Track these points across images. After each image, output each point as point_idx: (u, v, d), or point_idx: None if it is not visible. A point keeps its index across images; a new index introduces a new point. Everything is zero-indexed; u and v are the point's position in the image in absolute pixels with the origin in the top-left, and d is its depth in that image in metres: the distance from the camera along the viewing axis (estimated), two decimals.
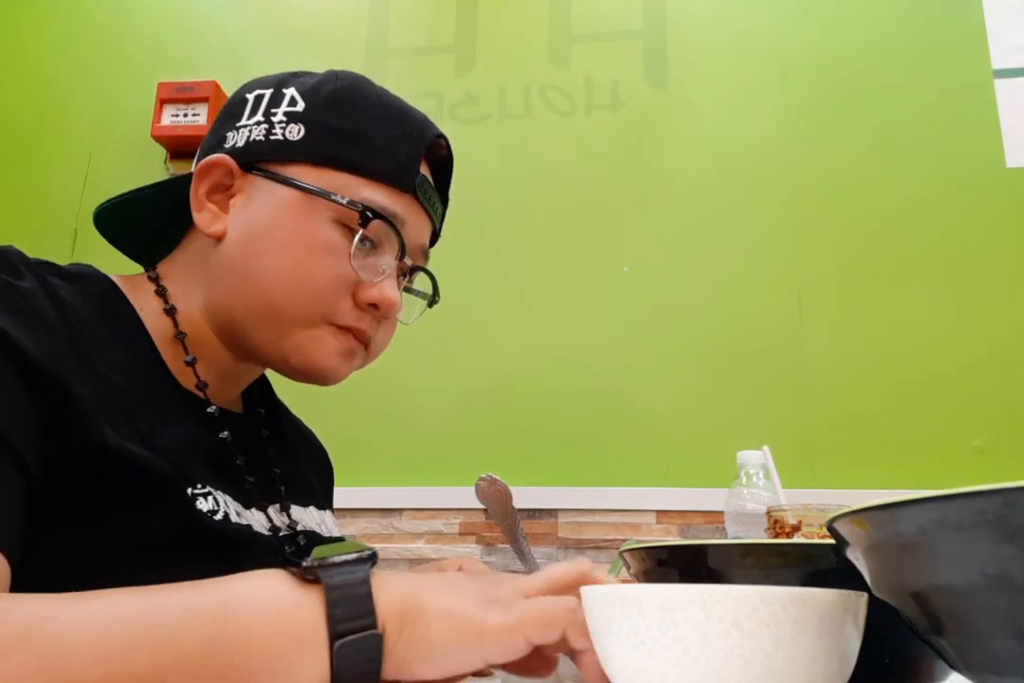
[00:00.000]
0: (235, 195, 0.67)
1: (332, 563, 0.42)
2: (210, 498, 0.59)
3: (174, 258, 0.70)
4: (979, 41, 1.91)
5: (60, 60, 2.30)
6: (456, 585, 0.46)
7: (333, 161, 0.65)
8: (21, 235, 2.08)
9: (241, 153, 0.66)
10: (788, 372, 1.78)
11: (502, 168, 2.02)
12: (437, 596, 0.44)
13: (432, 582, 0.46)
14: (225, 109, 0.71)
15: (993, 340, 1.73)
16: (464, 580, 0.47)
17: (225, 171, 0.66)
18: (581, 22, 2.12)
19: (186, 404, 0.64)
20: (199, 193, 0.66)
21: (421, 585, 0.45)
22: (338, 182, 0.65)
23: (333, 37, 2.20)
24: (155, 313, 0.65)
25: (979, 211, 1.81)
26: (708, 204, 1.92)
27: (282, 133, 0.66)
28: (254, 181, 0.66)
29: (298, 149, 0.65)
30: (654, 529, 1.70)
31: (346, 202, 0.64)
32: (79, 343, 0.55)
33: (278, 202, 0.65)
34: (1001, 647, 0.29)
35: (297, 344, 0.65)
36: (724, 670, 0.36)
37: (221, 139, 0.68)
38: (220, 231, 0.66)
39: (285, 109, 0.66)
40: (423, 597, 0.44)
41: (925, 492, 0.28)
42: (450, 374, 1.89)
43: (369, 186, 0.66)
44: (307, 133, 0.65)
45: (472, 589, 0.46)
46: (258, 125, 0.67)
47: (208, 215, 0.66)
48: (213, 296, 0.66)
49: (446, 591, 0.45)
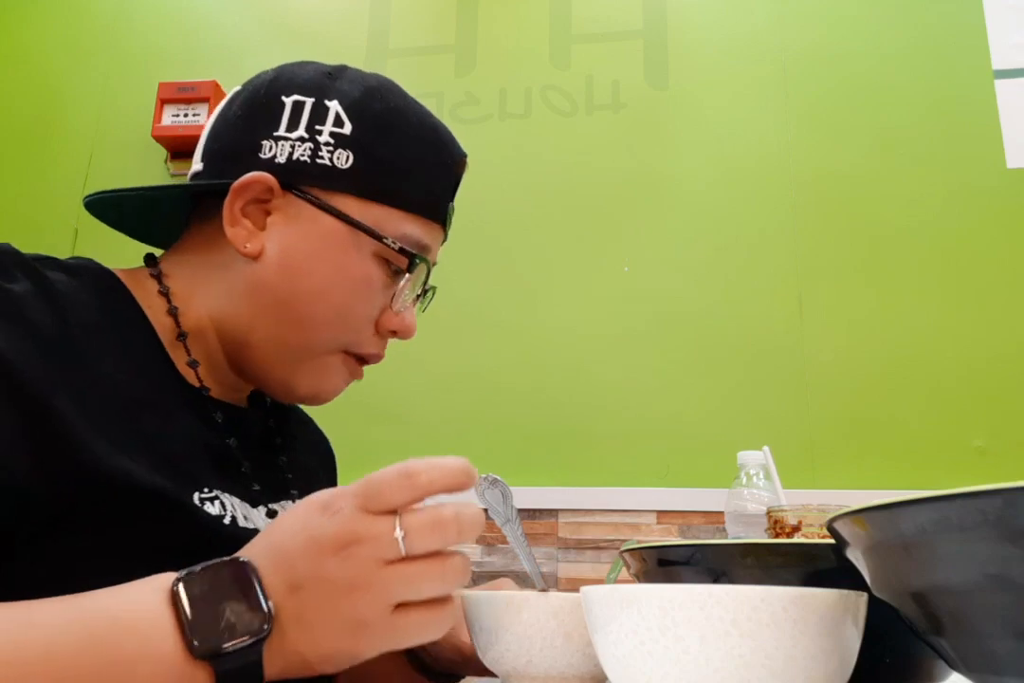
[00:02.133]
0: (271, 213, 0.65)
1: (228, 652, 0.41)
2: (217, 502, 0.58)
3: (180, 257, 0.68)
4: (979, 41, 1.91)
5: (60, 60, 2.29)
6: (319, 613, 0.44)
7: (379, 195, 0.65)
8: (21, 234, 2.08)
9: (283, 171, 0.64)
10: (788, 372, 1.78)
11: (502, 168, 2.02)
12: (310, 647, 0.44)
13: (298, 614, 0.44)
14: (254, 106, 0.67)
15: (993, 340, 1.73)
16: (323, 599, 0.44)
17: (265, 188, 0.64)
18: (581, 22, 2.11)
19: (192, 403, 0.63)
20: (235, 209, 0.64)
21: (294, 635, 0.44)
22: (382, 216, 0.65)
23: (334, 37, 2.20)
24: (160, 312, 0.64)
25: (979, 211, 1.81)
26: (708, 204, 1.92)
27: (329, 158, 0.64)
28: (294, 202, 0.65)
29: (345, 178, 0.64)
30: (654, 529, 1.70)
31: (398, 248, 0.65)
32: (77, 348, 0.54)
33: (322, 233, 0.64)
34: (1001, 647, 0.29)
35: (305, 370, 0.65)
36: (724, 670, 0.36)
37: (256, 146, 0.65)
38: (256, 250, 0.64)
39: (331, 129, 0.65)
40: (301, 653, 0.44)
41: (925, 492, 0.28)
42: (450, 374, 1.89)
43: (408, 220, 0.66)
44: (355, 163, 0.65)
45: (343, 615, 0.44)
46: (302, 142, 0.65)
47: (243, 232, 0.64)
48: (232, 311, 0.65)
49: (311, 635, 0.44)
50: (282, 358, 0.65)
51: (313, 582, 0.43)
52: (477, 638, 0.56)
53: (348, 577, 0.43)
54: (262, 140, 0.65)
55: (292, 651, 0.44)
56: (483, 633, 0.55)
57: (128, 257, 0.73)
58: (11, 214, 2.14)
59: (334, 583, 0.43)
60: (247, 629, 0.42)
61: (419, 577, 0.44)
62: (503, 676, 0.56)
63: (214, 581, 0.43)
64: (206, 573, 0.44)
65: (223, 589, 0.43)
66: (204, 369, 0.66)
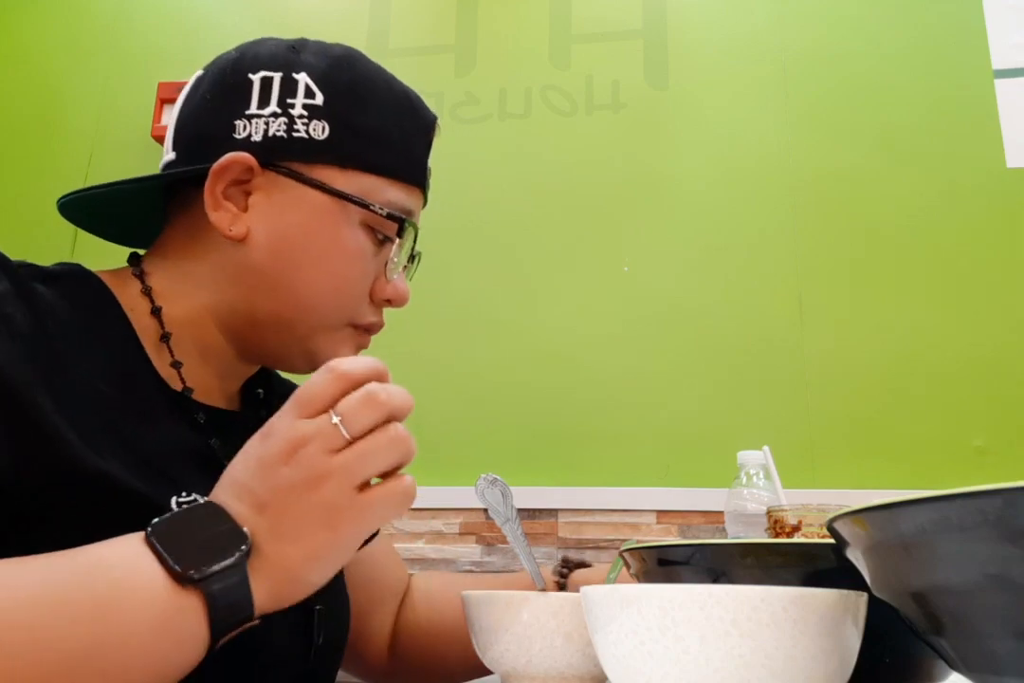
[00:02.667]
0: (252, 193, 0.64)
1: (212, 573, 0.43)
2: None
3: (163, 252, 0.67)
4: (979, 41, 1.91)
5: (60, 60, 2.29)
6: (293, 520, 0.46)
7: (359, 163, 0.65)
8: (21, 235, 2.08)
9: (260, 149, 0.63)
10: (788, 372, 1.78)
11: (502, 168, 2.02)
12: (294, 554, 0.46)
13: (273, 528, 0.46)
14: (223, 87, 0.66)
15: (993, 340, 1.73)
16: (291, 505, 0.46)
17: (244, 168, 0.63)
18: (581, 22, 2.11)
19: (174, 406, 0.62)
20: (216, 192, 0.63)
21: (275, 548, 0.45)
22: (365, 185, 0.65)
23: (333, 37, 2.15)
24: (143, 313, 0.63)
25: (979, 211, 1.81)
26: (708, 204, 1.92)
27: (306, 131, 0.64)
28: (276, 180, 0.64)
29: (324, 149, 0.64)
30: (654, 529, 1.70)
31: (385, 213, 0.65)
32: (54, 349, 0.53)
33: (309, 207, 0.64)
34: (1001, 647, 0.29)
35: (320, 347, 0.66)
36: (724, 670, 0.36)
37: (230, 127, 0.64)
38: (242, 233, 0.63)
39: (303, 101, 0.64)
40: (287, 563, 0.46)
41: (925, 492, 0.28)
42: (449, 374, 1.89)
43: (391, 186, 0.66)
44: (332, 133, 0.64)
45: (308, 517, 0.46)
46: (275, 118, 0.64)
47: (227, 215, 0.63)
48: (229, 297, 0.64)
49: (294, 542, 0.46)
50: (295, 336, 0.65)
51: (275, 494, 0.46)
52: (477, 638, 0.56)
53: (304, 476, 0.46)
54: (235, 120, 0.65)
55: (277, 566, 0.45)
56: (483, 633, 0.55)
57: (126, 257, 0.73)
58: (11, 214, 2.14)
59: (294, 487, 0.46)
60: (225, 550, 0.44)
61: (369, 452, 0.47)
62: (503, 676, 0.56)
63: (184, 519, 0.46)
64: (175, 516, 0.46)
65: (194, 523, 0.45)
66: (193, 368, 0.64)
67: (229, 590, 0.43)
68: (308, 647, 0.64)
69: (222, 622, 0.44)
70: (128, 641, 0.42)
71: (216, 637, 0.44)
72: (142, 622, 0.42)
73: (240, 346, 0.67)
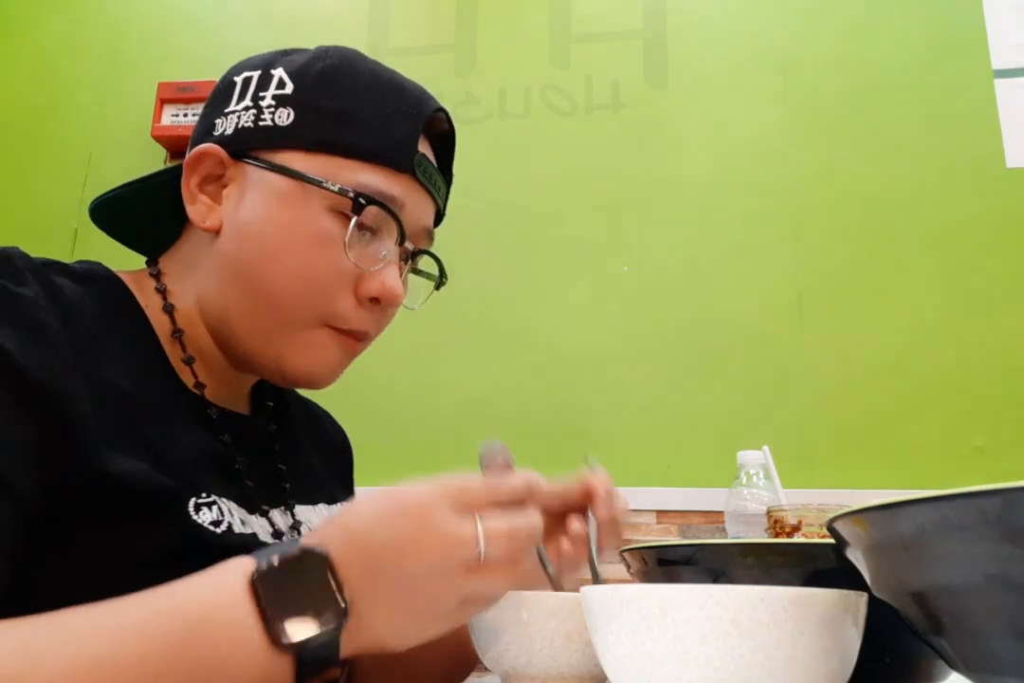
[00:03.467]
0: (227, 185, 0.64)
1: (310, 645, 0.43)
2: (214, 508, 0.58)
3: (174, 253, 0.68)
4: (979, 41, 1.91)
5: (60, 60, 2.29)
6: (417, 603, 0.46)
7: (325, 145, 0.62)
8: (21, 235, 2.08)
9: (230, 141, 0.63)
10: (788, 372, 1.78)
11: (502, 168, 2.02)
12: (399, 630, 0.46)
13: (390, 606, 0.46)
14: (214, 94, 0.68)
15: (993, 340, 1.73)
16: (426, 588, 0.46)
17: (216, 161, 0.63)
18: (581, 22, 2.11)
19: (193, 407, 0.63)
20: (191, 185, 0.64)
21: (379, 621, 0.46)
22: (331, 167, 0.62)
23: (333, 37, 2.17)
24: (158, 312, 0.64)
25: (979, 211, 1.81)
26: (708, 204, 1.92)
27: (271, 118, 0.63)
28: (245, 170, 0.63)
29: (288, 134, 0.62)
30: (654, 529, 1.70)
31: (337, 189, 0.61)
32: (83, 352, 0.53)
33: (271, 192, 0.62)
34: (1001, 647, 0.29)
35: (294, 349, 0.62)
36: (724, 670, 0.36)
37: (210, 127, 0.65)
38: (215, 225, 0.63)
39: (274, 92, 0.63)
40: (385, 635, 0.46)
41: (925, 492, 0.28)
42: (449, 374, 1.89)
43: (364, 169, 0.62)
44: (297, 117, 0.62)
45: (433, 604, 0.46)
46: (246, 111, 0.64)
47: (202, 208, 0.64)
48: (208, 293, 0.64)
49: (407, 621, 0.46)
50: (263, 334, 0.62)
51: (391, 572, 0.45)
52: (477, 638, 0.56)
53: (427, 575, 0.45)
54: (215, 120, 0.65)
55: (366, 633, 0.45)
56: (483, 632, 0.55)
57: (127, 257, 0.73)
58: (11, 214, 2.14)
59: (413, 577, 0.45)
60: (323, 617, 0.44)
61: (494, 585, 0.48)
62: (502, 676, 0.56)
63: (291, 573, 0.45)
64: (283, 566, 0.45)
65: (301, 582, 0.44)
66: (202, 366, 0.65)
67: (319, 649, 0.44)
68: None
69: (307, 673, 0.44)
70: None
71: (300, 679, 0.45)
72: (235, 679, 0.43)
73: (224, 350, 0.66)
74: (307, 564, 0.45)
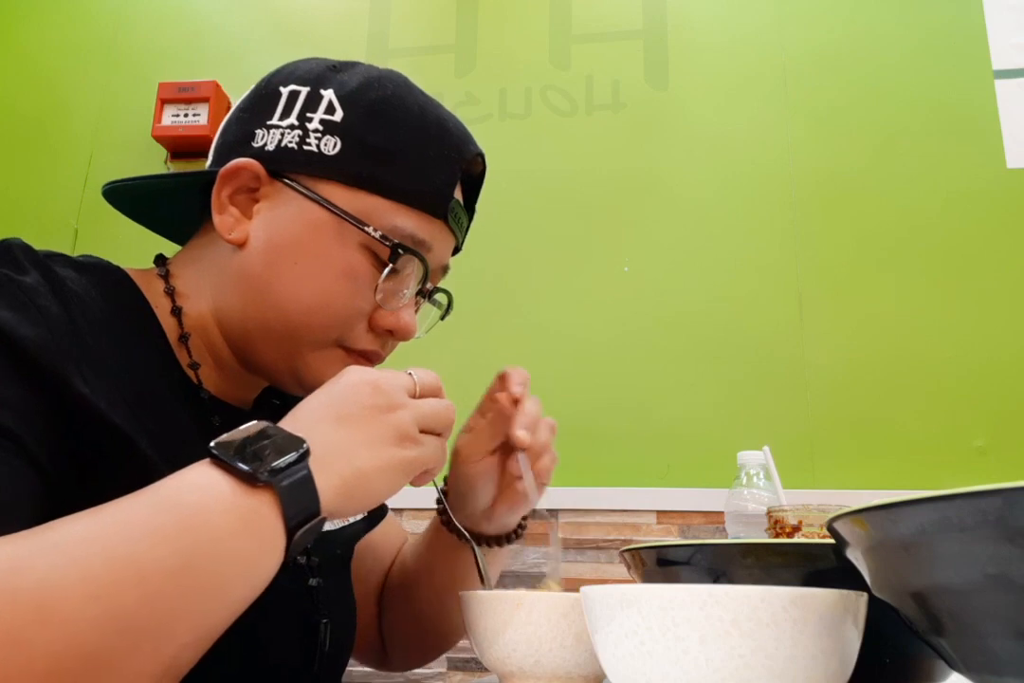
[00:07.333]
0: (259, 201, 0.64)
1: (278, 469, 0.46)
2: None
3: (186, 255, 0.68)
4: (979, 41, 1.91)
5: (60, 60, 2.29)
6: (367, 432, 0.52)
7: (367, 182, 0.63)
8: (22, 234, 2.07)
9: (270, 159, 0.63)
10: (788, 372, 1.78)
11: (502, 168, 2.01)
12: (364, 459, 0.51)
13: (346, 437, 0.51)
14: (255, 98, 0.67)
15: (993, 340, 1.73)
16: (368, 420, 0.53)
17: (252, 175, 0.63)
18: (581, 22, 2.11)
19: (193, 403, 0.63)
20: (222, 196, 0.64)
21: (343, 450, 0.51)
22: (370, 206, 0.63)
23: (333, 37, 2.19)
24: (165, 312, 0.64)
25: (979, 212, 1.81)
26: (708, 204, 1.92)
27: (317, 145, 0.63)
28: (281, 190, 0.64)
29: (332, 165, 0.63)
30: (654, 529, 1.70)
31: (379, 236, 0.62)
32: (83, 340, 0.54)
33: (306, 221, 0.63)
34: (1001, 647, 0.29)
35: (308, 364, 0.64)
36: (724, 670, 0.36)
37: (249, 135, 0.65)
38: (242, 238, 0.63)
39: (322, 116, 0.63)
40: (354, 466, 0.50)
41: (925, 492, 0.28)
42: (448, 374, 1.89)
43: (400, 212, 0.63)
44: (343, 149, 0.63)
45: (380, 431, 0.53)
46: (291, 130, 0.63)
47: (230, 219, 0.64)
48: (226, 303, 0.65)
49: (365, 448, 0.52)
50: (279, 348, 0.64)
51: (356, 410, 0.52)
52: (479, 638, 0.56)
53: (385, 403, 0.53)
54: (256, 129, 0.65)
55: (348, 467, 0.50)
56: (487, 633, 0.55)
57: (127, 257, 0.72)
58: (11, 214, 2.14)
59: (376, 406, 0.53)
60: (285, 450, 0.47)
61: (434, 407, 0.57)
62: (504, 676, 0.55)
63: (242, 434, 0.48)
64: (234, 434, 0.48)
65: (252, 437, 0.48)
66: (209, 369, 0.65)
67: (297, 486, 0.46)
68: (313, 658, 0.65)
69: (294, 517, 0.46)
70: (217, 548, 0.43)
71: (291, 533, 0.46)
72: (225, 528, 0.44)
73: (239, 355, 0.66)
74: (253, 429, 0.49)
